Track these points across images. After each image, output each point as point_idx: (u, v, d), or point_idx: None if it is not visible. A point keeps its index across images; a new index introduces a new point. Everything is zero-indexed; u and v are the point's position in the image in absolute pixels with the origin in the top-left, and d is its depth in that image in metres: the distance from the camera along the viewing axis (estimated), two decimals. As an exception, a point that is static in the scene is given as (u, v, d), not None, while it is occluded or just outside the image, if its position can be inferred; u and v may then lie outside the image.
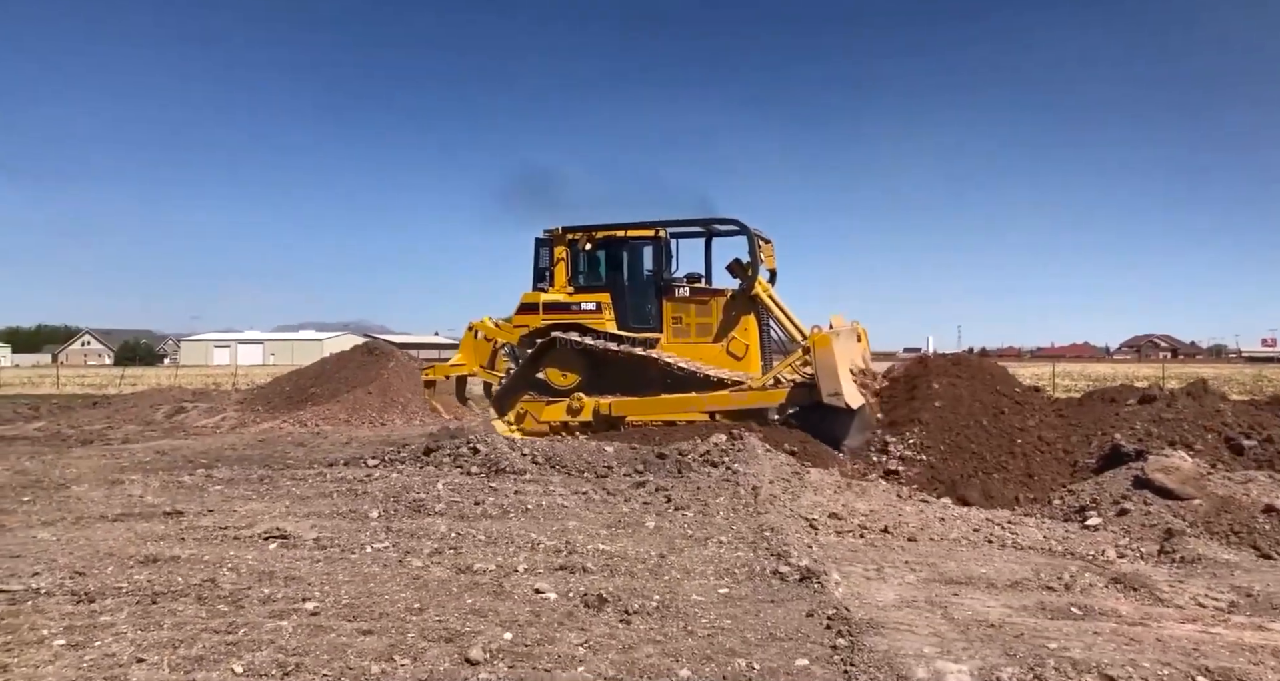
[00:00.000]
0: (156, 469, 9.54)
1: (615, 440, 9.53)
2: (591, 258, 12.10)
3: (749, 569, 5.10)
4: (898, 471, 8.86)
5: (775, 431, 9.64)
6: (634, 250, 11.96)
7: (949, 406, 9.49)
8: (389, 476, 8.29)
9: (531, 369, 11.76)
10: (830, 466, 8.94)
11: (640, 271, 11.95)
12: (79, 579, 4.51)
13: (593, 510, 6.75)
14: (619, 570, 5.00)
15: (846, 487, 8.18)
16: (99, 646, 3.49)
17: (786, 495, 7.41)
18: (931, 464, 8.85)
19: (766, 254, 11.85)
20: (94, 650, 3.45)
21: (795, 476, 8.23)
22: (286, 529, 5.95)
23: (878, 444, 9.46)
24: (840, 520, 6.95)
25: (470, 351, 12.87)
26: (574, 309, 11.70)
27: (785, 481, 7.94)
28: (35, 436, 16.19)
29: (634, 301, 11.75)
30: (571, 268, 12.02)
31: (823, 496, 7.71)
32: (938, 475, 8.72)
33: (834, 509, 7.26)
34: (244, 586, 4.44)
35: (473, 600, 4.34)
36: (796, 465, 8.65)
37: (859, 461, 9.30)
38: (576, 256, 12.07)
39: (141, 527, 6.07)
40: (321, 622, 3.89)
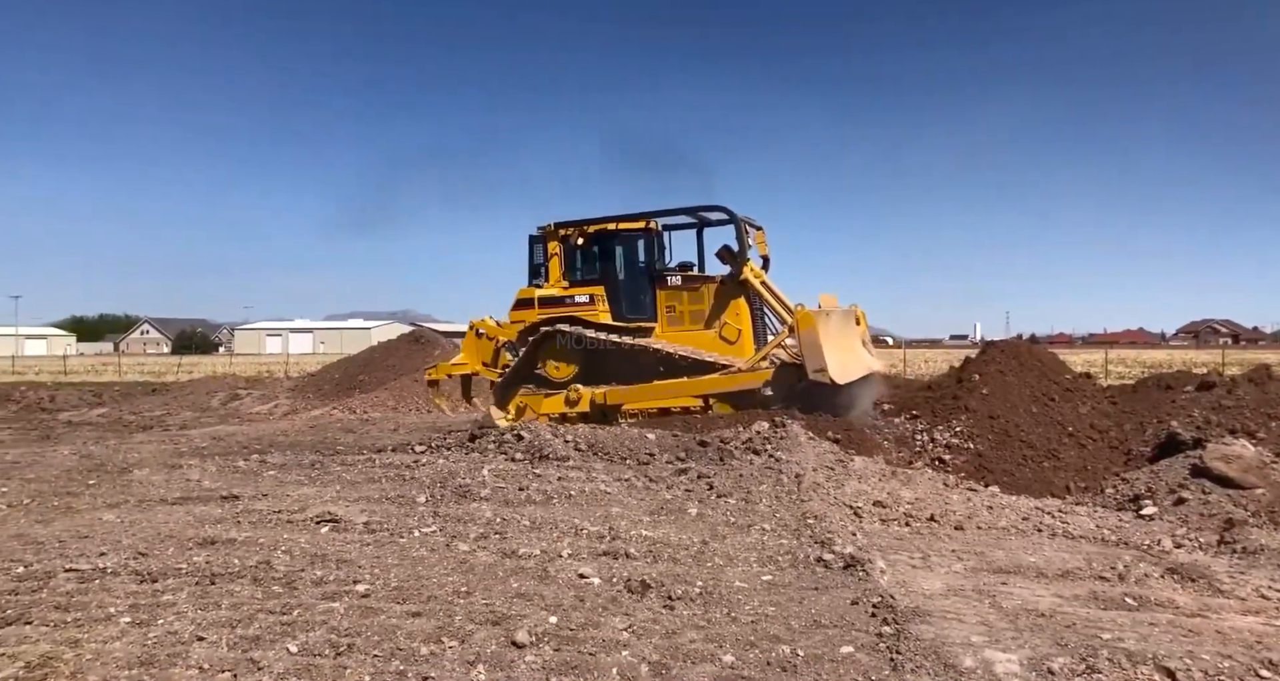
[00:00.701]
0: (213, 454, 9.86)
1: (657, 427, 9.54)
2: (584, 252, 12.30)
3: (792, 556, 5.08)
4: (944, 459, 8.72)
5: (819, 419, 9.56)
6: (625, 242, 12.15)
7: (997, 394, 9.31)
8: (436, 462, 8.43)
9: (529, 363, 11.99)
10: (875, 454, 8.84)
11: (632, 263, 12.14)
12: (142, 559, 4.68)
13: (635, 497, 6.78)
14: (662, 556, 5.02)
15: (891, 475, 8.08)
16: (162, 624, 3.63)
17: (830, 483, 7.36)
18: (979, 452, 8.70)
19: (758, 240, 12.03)
20: (157, 628, 3.58)
21: (839, 464, 8.16)
22: (337, 513, 6.10)
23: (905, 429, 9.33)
24: (885, 508, 6.87)
25: (472, 350, 13.08)
26: (568, 302, 11.93)
27: (829, 469, 7.87)
28: (99, 422, 16.82)
29: (627, 292, 11.94)
30: (565, 262, 12.28)
31: (867, 484, 7.64)
32: (985, 463, 8.57)
33: (879, 497, 7.18)
34: (297, 568, 4.56)
35: (518, 584, 4.40)
36: (840, 452, 8.57)
37: (904, 449, 9.19)
38: (569, 251, 12.30)
39: (199, 510, 6.27)
40: (372, 604, 3.99)
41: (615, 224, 12.06)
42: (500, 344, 12.69)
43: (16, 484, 7.53)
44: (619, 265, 12.14)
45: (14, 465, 8.61)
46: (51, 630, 3.55)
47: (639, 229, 12.03)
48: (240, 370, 35.74)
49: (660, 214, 12.10)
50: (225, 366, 43.03)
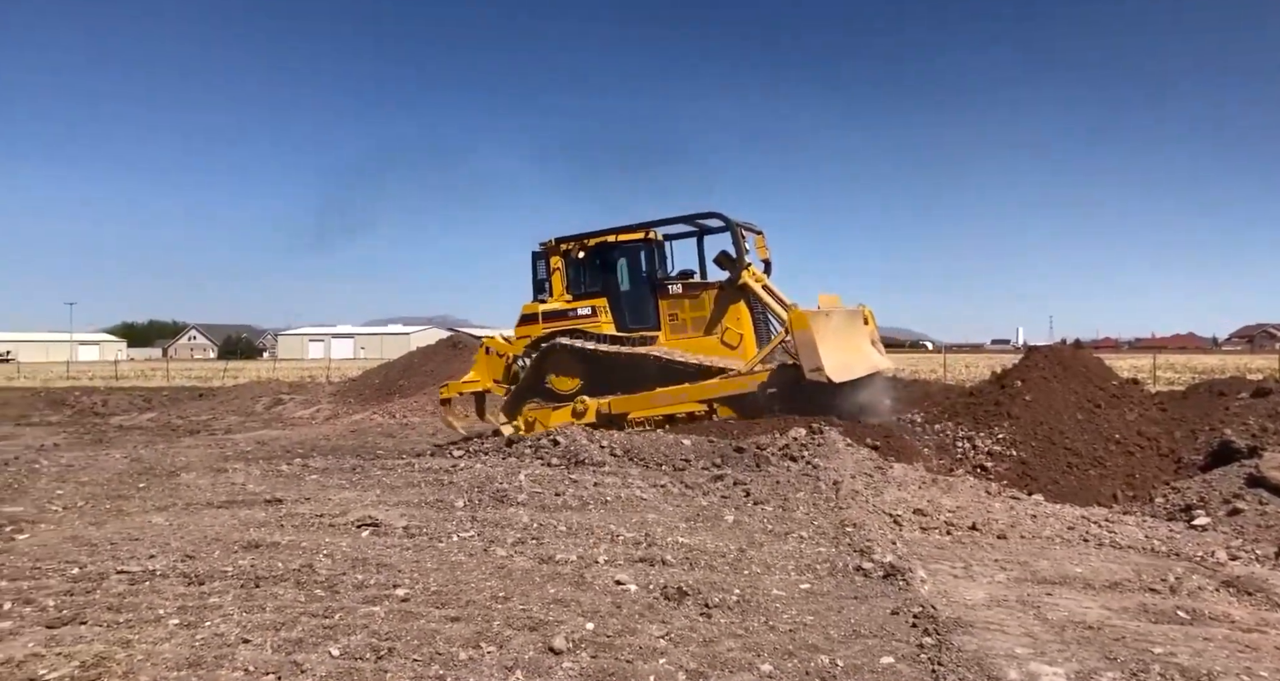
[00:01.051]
0: (257, 458, 10.06)
1: (693, 433, 9.52)
2: (586, 265, 12.50)
3: (831, 564, 5.03)
4: (986, 467, 8.57)
5: (857, 425, 9.46)
6: (624, 253, 12.30)
7: (1041, 400, 9.13)
8: (473, 467, 8.51)
9: (536, 376, 12.16)
10: (915, 461, 8.71)
11: (633, 273, 12.30)
12: (189, 562, 4.79)
13: (671, 503, 6.77)
14: (698, 563, 5.00)
15: (932, 483, 7.96)
16: (208, 626, 3.71)
17: (869, 490, 7.27)
18: (1022, 459, 8.53)
19: (758, 245, 12.17)
20: (204, 630, 3.66)
21: (878, 471, 8.06)
22: (377, 517, 6.18)
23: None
24: (925, 516, 6.77)
25: (484, 368, 13.29)
26: (570, 315, 12.12)
27: (867, 476, 7.78)
28: (148, 426, 17.28)
29: (630, 302, 12.09)
30: (568, 276, 12.49)
31: (907, 492, 7.53)
32: (1029, 471, 8.40)
33: (919, 505, 7.07)
34: (339, 572, 4.63)
35: (555, 590, 4.42)
36: (879, 459, 8.46)
37: (945, 456, 9.04)
38: (571, 265, 12.51)
39: (244, 514, 6.40)
40: (411, 609, 4.03)
41: (614, 236, 12.23)
42: (511, 360, 12.86)
43: (71, 486, 7.76)
44: (620, 276, 12.30)
45: (69, 468, 8.88)
46: (105, 630, 3.65)
47: (638, 239, 12.18)
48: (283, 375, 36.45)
49: (657, 223, 12.24)
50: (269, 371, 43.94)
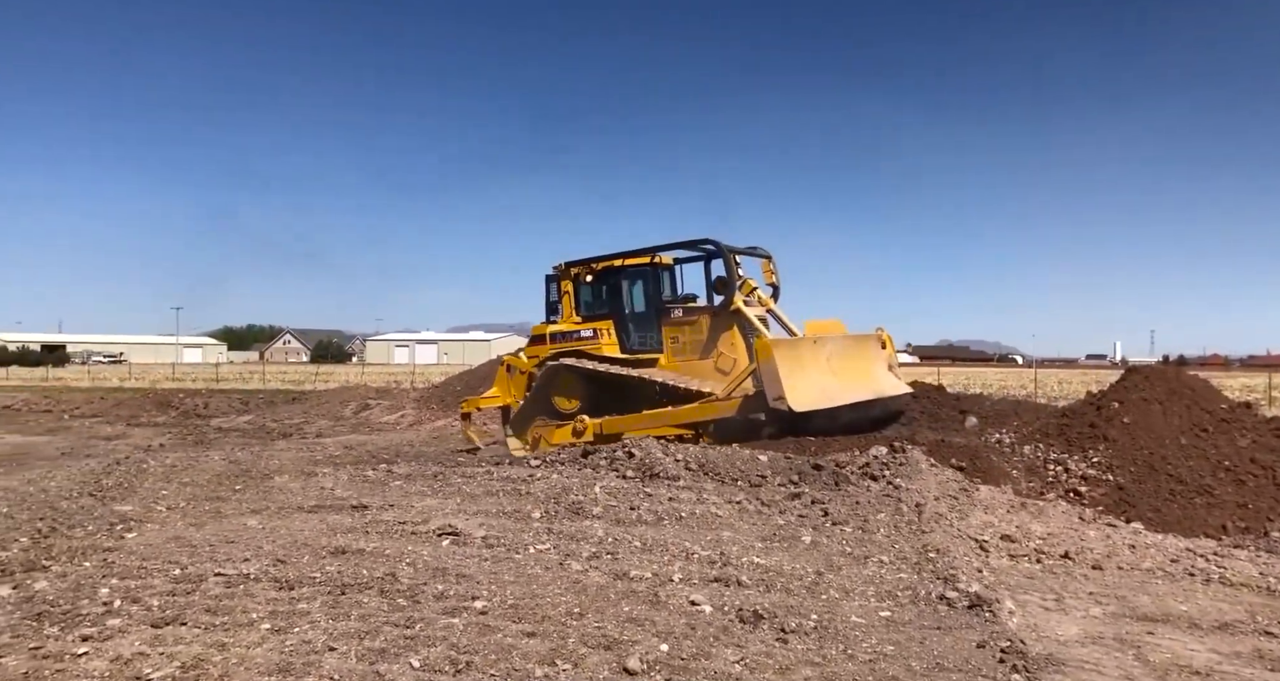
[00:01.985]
0: (345, 463, 10.43)
1: (770, 448, 9.40)
2: (594, 288, 12.90)
3: (913, 592, 4.87)
4: (1080, 491, 8.16)
5: (941, 445, 9.16)
6: (630, 277, 12.61)
7: (1140, 422, 8.64)
8: (549, 477, 8.61)
9: (541, 395, 12.53)
10: (1002, 484, 8.37)
11: (637, 297, 12.58)
12: (280, 567, 4.99)
13: (746, 521, 6.69)
14: (774, 586, 4.92)
15: (1021, 507, 7.64)
16: (297, 633, 3.85)
17: (953, 513, 7.03)
18: (1119, 485, 8.09)
19: (765, 269, 12.42)
20: (293, 636, 3.80)
21: (963, 493, 7.79)
22: (457, 526, 6.32)
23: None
24: (1014, 543, 6.50)
25: (505, 384, 13.74)
26: (575, 337, 12.51)
27: (952, 498, 7.53)
28: (245, 428, 18.14)
29: (634, 325, 12.36)
30: (577, 299, 12.90)
31: (994, 516, 7.25)
32: (1127, 497, 7.95)
33: (1007, 530, 6.80)
34: (420, 582, 4.74)
35: (629, 608, 4.42)
36: (964, 481, 8.17)
37: (1035, 479, 8.66)
38: (580, 288, 12.92)
39: (332, 519, 6.63)
40: (489, 622, 4.09)
41: (621, 260, 12.56)
42: (530, 377, 13.22)
43: (175, 487, 8.20)
44: (625, 299, 12.60)
45: (173, 469, 9.38)
46: (203, 632, 3.83)
47: (643, 264, 12.44)
48: (370, 380, 37.74)
49: (657, 249, 12.49)
50: (357, 376, 45.58)
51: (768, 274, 12.44)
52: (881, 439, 9.26)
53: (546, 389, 12.45)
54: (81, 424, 19.20)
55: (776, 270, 12.51)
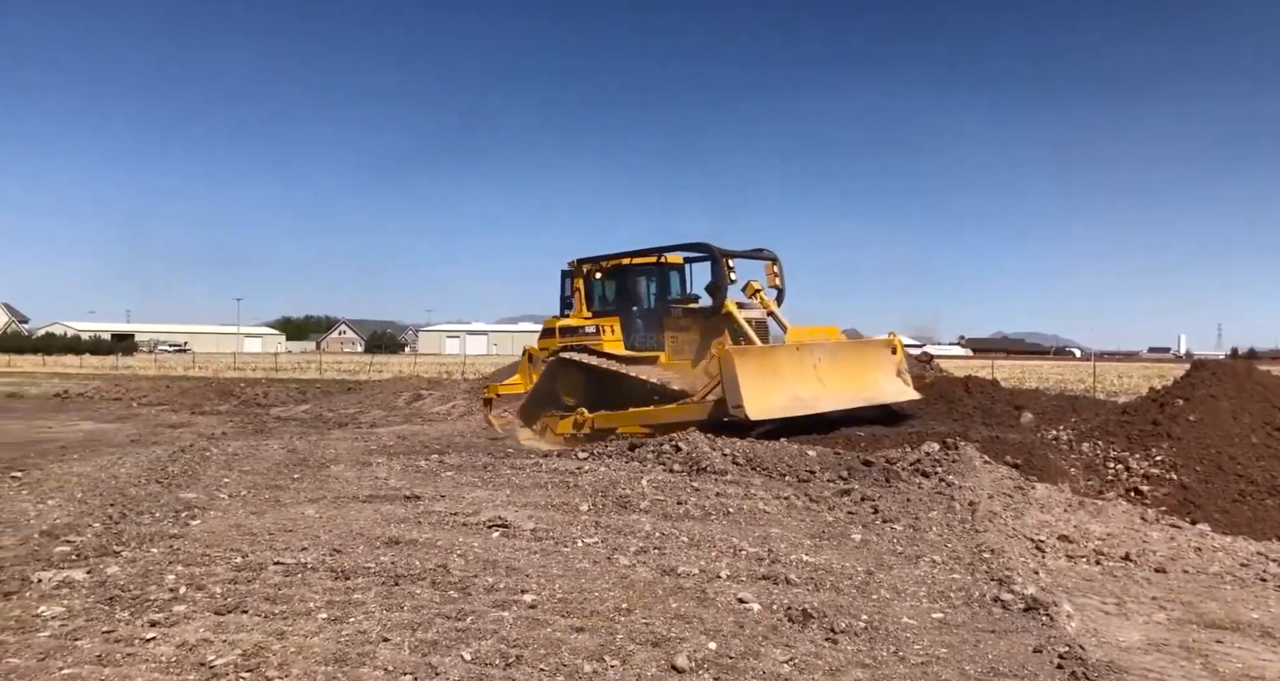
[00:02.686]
0: (398, 453, 10.62)
1: (819, 444, 9.31)
2: (603, 285, 13.41)
3: (966, 593, 4.78)
4: (1141, 490, 7.91)
5: (995, 441, 8.96)
6: (635, 276, 13.09)
7: (1207, 420, 8.33)
8: (597, 469, 8.65)
9: (547, 386, 12.98)
10: (1059, 482, 8.15)
11: (642, 295, 13.06)
12: (337, 556, 5.12)
13: (795, 517, 6.64)
14: (824, 584, 4.88)
15: (1079, 506, 7.43)
16: (353, 622, 3.94)
17: (1008, 512, 6.87)
18: (1184, 484, 7.81)
19: (769, 272, 12.55)
20: (349, 626, 3.90)
21: (1018, 491, 7.61)
22: (507, 518, 6.39)
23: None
24: (1072, 543, 6.33)
25: (526, 373, 14.25)
26: (580, 332, 13.01)
27: (1007, 496, 7.36)
28: (303, 418, 18.61)
29: (638, 323, 12.77)
30: (588, 295, 13.40)
31: (1051, 515, 7.07)
32: (1192, 497, 7.68)
33: (1064, 530, 6.63)
34: (471, 574, 4.82)
35: (677, 604, 4.42)
36: (1020, 479, 7.98)
37: (1094, 477, 8.42)
38: (591, 285, 13.42)
39: (386, 509, 6.77)
40: (538, 616, 4.14)
41: (629, 259, 12.99)
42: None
43: (236, 475, 8.46)
44: (630, 298, 13.06)
45: (234, 457, 9.68)
46: (263, 620, 3.95)
47: (649, 263, 12.88)
48: (423, 370, 38.40)
49: (663, 250, 12.76)
50: (410, 366, 46.44)
51: (771, 277, 12.55)
52: (934, 435, 9.09)
53: (551, 381, 12.91)
54: (149, 411, 19.94)
55: (781, 273, 12.59)
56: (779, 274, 12.56)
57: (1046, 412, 11.58)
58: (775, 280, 12.56)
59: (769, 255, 12.63)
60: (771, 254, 12.63)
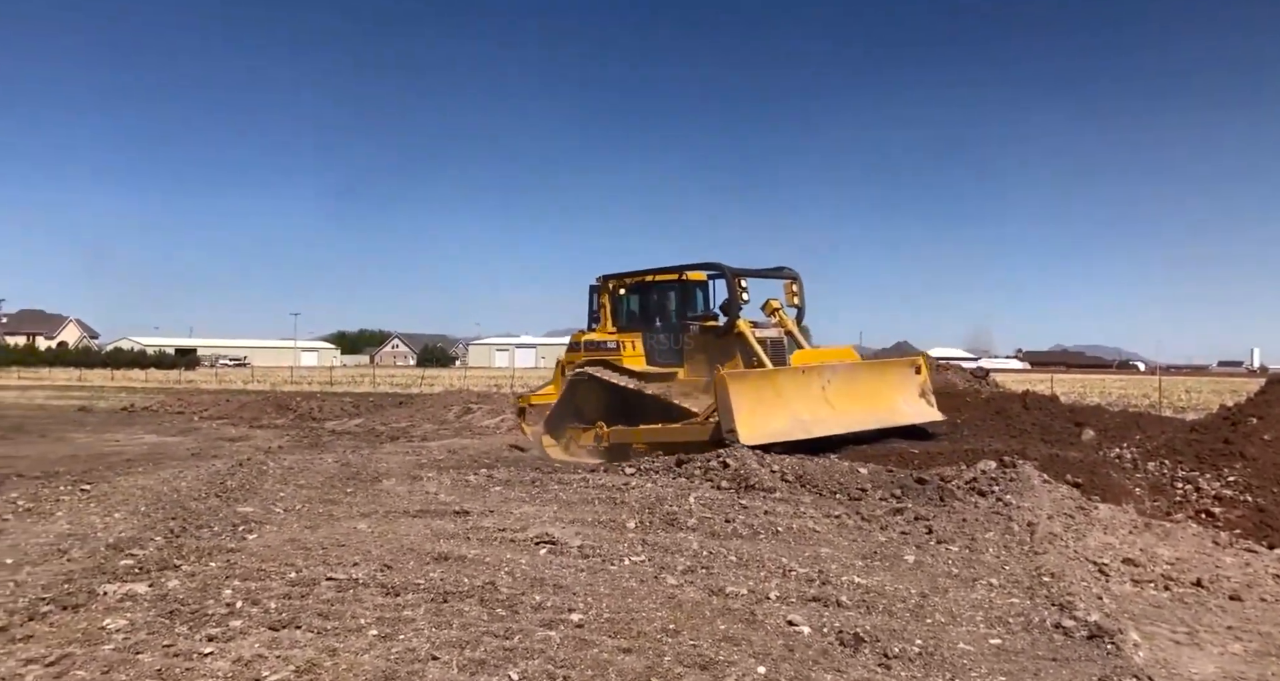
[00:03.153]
0: (448, 467, 10.74)
1: (870, 461, 9.14)
2: (627, 301, 13.65)
3: (1025, 618, 4.62)
4: (1213, 512, 7.57)
5: (1055, 459, 8.69)
6: (657, 293, 13.36)
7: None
8: (644, 485, 8.62)
9: (569, 400, 13.23)
10: (1124, 502, 7.85)
11: (663, 312, 13.27)
12: (387, 572, 5.18)
13: (846, 537, 6.51)
14: (876, 607, 4.77)
15: (1145, 528, 7.15)
16: (402, 639, 3.97)
17: (1069, 533, 6.64)
18: (1259, 506, 7.46)
19: (788, 290, 12.64)
20: (398, 643, 3.93)
21: (1079, 511, 7.35)
22: (554, 534, 6.40)
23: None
24: (1138, 567, 6.09)
25: (559, 383, 14.40)
26: (603, 347, 13.17)
27: (1067, 517, 7.11)
28: (356, 431, 18.99)
29: (658, 340, 12.95)
30: (614, 310, 13.59)
31: (1115, 537, 6.81)
32: (1269, 520, 7.33)
33: (1130, 553, 6.37)
34: (518, 591, 4.83)
35: (725, 626, 4.36)
36: (1081, 499, 7.71)
37: (1160, 498, 8.10)
38: (616, 301, 13.62)
39: (436, 525, 6.84)
40: (585, 635, 4.12)
41: (652, 276, 13.25)
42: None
43: (291, 489, 8.64)
44: (651, 314, 13.33)
45: (290, 471, 9.89)
46: (316, 637, 4.01)
47: (671, 280, 13.07)
48: (472, 383, 38.91)
49: (684, 268, 12.90)
50: (460, 379, 47.10)
51: (790, 295, 12.66)
52: (990, 452, 8.86)
53: (573, 394, 13.20)
54: (209, 425, 20.58)
55: (801, 292, 12.67)
56: (798, 293, 12.65)
57: (1109, 430, 11.18)
58: (794, 299, 12.66)
59: (789, 274, 12.73)
60: (792, 272, 12.74)
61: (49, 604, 4.46)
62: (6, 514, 7.19)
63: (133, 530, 6.41)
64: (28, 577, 5.07)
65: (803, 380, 10.87)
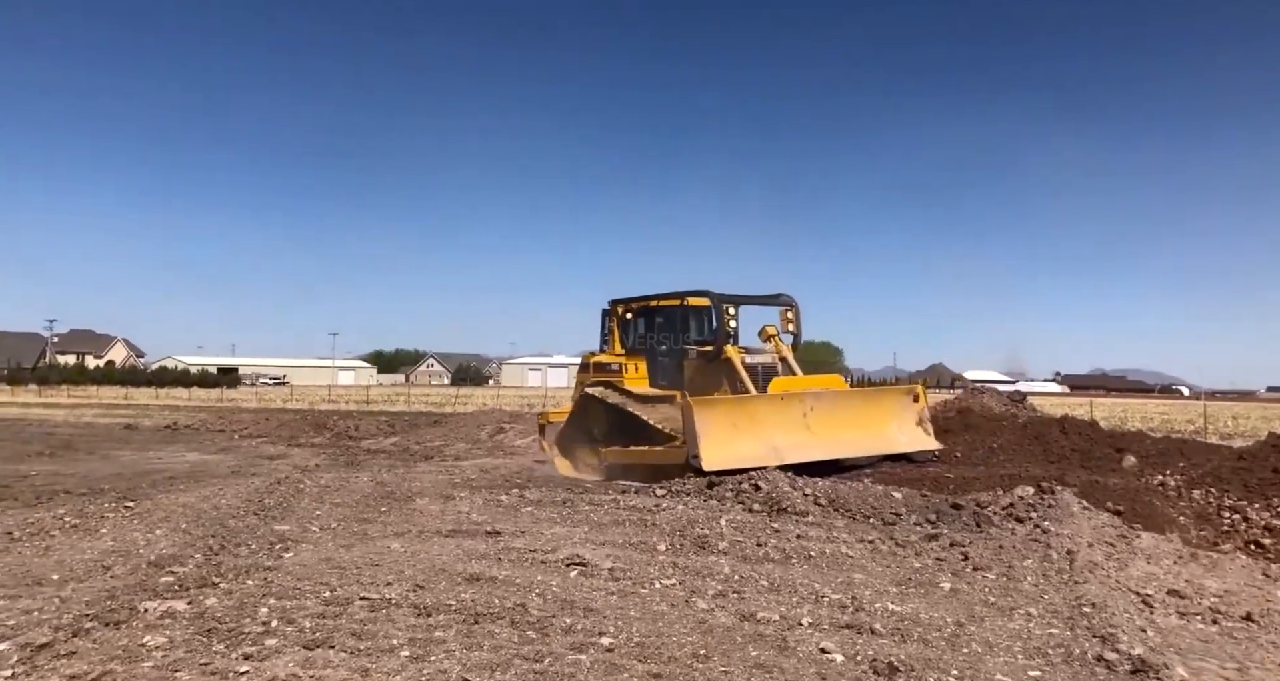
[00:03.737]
0: (480, 487, 10.81)
1: (905, 485, 9.02)
2: (633, 324, 14.04)
3: (1065, 650, 4.52)
4: (1263, 544, 7.33)
5: (1095, 486, 8.50)
6: (660, 317, 13.71)
7: (1338, 465, 7.70)
8: (675, 507, 8.60)
9: (579, 419, 13.61)
10: (1168, 531, 7.65)
11: (664, 336, 13.56)
12: (419, 592, 5.22)
13: (879, 562, 6.43)
14: (911, 635, 4.69)
15: (1191, 558, 6.94)
16: (433, 661, 4.00)
17: (1111, 562, 6.48)
18: (1313, 537, 7.21)
19: (783, 317, 12.99)
20: (429, 664, 3.95)
21: (1121, 540, 7.17)
22: (585, 556, 6.41)
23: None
24: (1184, 599, 5.90)
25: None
26: (608, 369, 13.57)
27: (1108, 545, 6.94)
28: (391, 450, 19.18)
29: (660, 363, 13.36)
30: (623, 333, 14.05)
31: (1159, 567, 6.62)
32: (1322, 551, 7.08)
33: (1175, 584, 6.19)
34: (549, 614, 4.83)
35: (756, 652, 4.32)
36: (1123, 527, 7.52)
37: (1206, 527, 7.87)
38: (624, 324, 14.06)
39: (467, 545, 6.89)
40: (615, 660, 4.11)
41: (656, 301, 13.68)
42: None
43: (327, 508, 8.76)
44: (655, 338, 13.68)
45: (326, 489, 10.04)
46: (349, 657, 4.04)
47: (673, 305, 13.44)
48: (505, 403, 39.10)
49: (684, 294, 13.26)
50: (493, 399, 47.37)
51: (785, 322, 13.01)
52: (1027, 478, 8.69)
53: (580, 414, 13.61)
54: (249, 443, 20.94)
55: (796, 319, 13.02)
56: (794, 320, 13.00)
57: (1151, 456, 10.91)
58: (789, 326, 13.02)
59: (786, 301, 13.10)
60: (789, 299, 13.11)
61: (92, 620, 4.57)
62: (54, 529, 7.38)
63: (173, 547, 6.55)
64: (72, 593, 5.20)
65: (781, 407, 11.14)
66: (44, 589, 5.35)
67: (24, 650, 4.09)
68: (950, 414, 13.46)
